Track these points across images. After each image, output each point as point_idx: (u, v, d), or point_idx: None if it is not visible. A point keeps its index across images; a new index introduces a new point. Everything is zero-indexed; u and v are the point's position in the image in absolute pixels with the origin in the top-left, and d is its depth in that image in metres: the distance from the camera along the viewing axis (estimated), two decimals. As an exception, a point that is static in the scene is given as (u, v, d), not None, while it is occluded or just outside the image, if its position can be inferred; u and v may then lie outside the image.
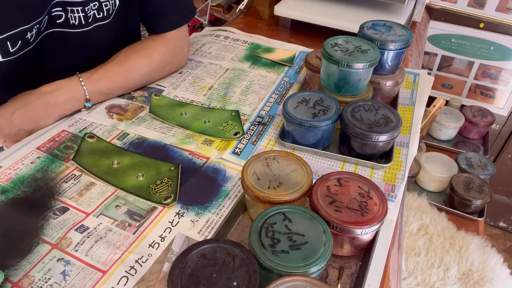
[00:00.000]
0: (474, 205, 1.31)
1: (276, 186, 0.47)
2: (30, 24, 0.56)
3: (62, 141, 0.61)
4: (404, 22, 0.95)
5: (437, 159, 1.44)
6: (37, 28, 0.58)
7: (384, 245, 0.48)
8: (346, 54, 0.61)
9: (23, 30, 0.56)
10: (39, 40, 0.61)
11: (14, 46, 0.57)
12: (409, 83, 0.78)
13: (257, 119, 0.68)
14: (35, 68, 0.63)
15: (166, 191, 0.53)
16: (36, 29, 0.58)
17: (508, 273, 1.17)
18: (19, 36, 0.56)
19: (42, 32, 0.60)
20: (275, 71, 0.82)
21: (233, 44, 0.91)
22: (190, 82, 0.77)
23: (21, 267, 0.44)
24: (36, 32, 0.58)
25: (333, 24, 0.94)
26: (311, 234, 0.41)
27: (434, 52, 1.52)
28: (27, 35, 0.57)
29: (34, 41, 0.59)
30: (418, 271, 1.13)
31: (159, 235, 0.48)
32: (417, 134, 0.65)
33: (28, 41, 0.58)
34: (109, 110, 0.68)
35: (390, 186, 0.56)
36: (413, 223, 1.24)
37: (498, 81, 1.49)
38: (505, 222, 1.78)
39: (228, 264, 0.38)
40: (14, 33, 0.55)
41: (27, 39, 0.58)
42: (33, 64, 0.62)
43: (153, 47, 0.73)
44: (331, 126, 0.59)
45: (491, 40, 1.41)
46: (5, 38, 0.55)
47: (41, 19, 0.58)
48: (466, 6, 1.40)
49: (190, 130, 0.65)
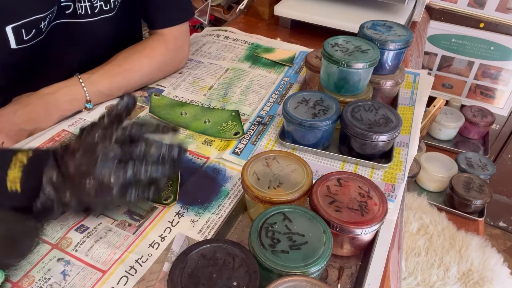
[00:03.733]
0: (474, 205, 1.31)
1: (276, 186, 0.47)
2: (44, 14, 0.57)
3: (62, 141, 0.61)
4: (404, 22, 0.95)
5: (437, 159, 1.44)
6: (49, 17, 0.59)
7: (384, 245, 0.48)
8: (346, 54, 0.61)
9: (38, 18, 0.57)
10: (48, 30, 0.62)
11: (28, 34, 0.57)
12: (409, 83, 0.78)
13: (257, 119, 0.68)
14: (43, 58, 0.64)
15: (166, 191, 0.53)
16: (48, 19, 0.59)
17: (508, 273, 1.17)
18: (34, 24, 0.57)
19: (52, 22, 0.61)
20: (275, 71, 0.81)
21: (233, 44, 0.91)
22: (190, 82, 0.77)
23: (21, 267, 0.44)
24: (48, 21, 0.60)
25: (333, 24, 0.94)
26: (311, 234, 0.41)
27: (434, 52, 1.52)
28: (41, 24, 0.58)
29: (45, 30, 0.61)
30: (418, 271, 1.13)
31: (159, 235, 0.48)
32: (417, 134, 0.65)
33: (41, 30, 0.59)
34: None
35: (390, 186, 0.56)
36: (413, 223, 1.24)
37: (498, 81, 1.49)
38: (505, 222, 1.78)
39: (228, 264, 0.38)
40: (29, 21, 0.56)
41: (41, 28, 0.59)
42: (42, 54, 0.63)
43: (153, 47, 0.73)
44: (331, 126, 0.59)
45: (491, 40, 1.41)
46: (20, 26, 0.56)
47: (54, 9, 0.59)
48: (466, 6, 1.40)
49: (190, 130, 0.65)
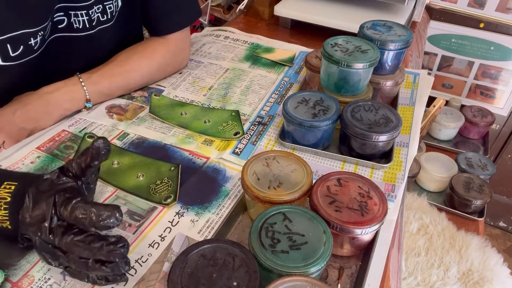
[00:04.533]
0: (474, 205, 1.31)
1: (276, 186, 0.47)
2: (33, 29, 0.56)
3: (62, 141, 0.61)
4: (404, 22, 0.95)
5: (437, 159, 1.44)
6: (41, 35, 0.57)
7: (384, 245, 0.48)
8: (346, 54, 0.61)
9: (25, 34, 0.55)
10: (44, 48, 0.60)
11: (15, 50, 0.56)
12: (409, 83, 0.78)
13: (257, 119, 0.68)
14: (40, 75, 0.63)
15: (166, 191, 0.53)
16: (40, 36, 0.57)
17: (508, 273, 1.17)
18: (21, 40, 0.55)
19: (46, 40, 0.60)
20: (275, 71, 0.81)
21: (233, 44, 0.91)
22: (190, 82, 0.77)
23: (20, 267, 0.44)
24: (40, 39, 0.58)
25: (333, 24, 0.94)
26: (311, 234, 0.41)
27: (434, 52, 1.52)
28: (31, 41, 0.56)
29: (38, 48, 0.59)
30: (418, 271, 1.13)
31: (159, 235, 0.48)
32: (417, 134, 0.65)
33: (32, 48, 0.57)
34: (109, 110, 0.68)
35: (390, 186, 0.56)
36: (413, 223, 1.24)
37: (498, 81, 1.49)
38: (505, 222, 1.78)
39: (228, 264, 0.38)
40: (15, 36, 0.55)
41: (31, 45, 0.57)
42: (38, 71, 0.62)
43: (154, 48, 0.73)
44: (331, 126, 0.59)
45: (491, 40, 1.41)
46: (5, 40, 0.54)
47: (45, 25, 0.57)
48: (466, 6, 1.40)
49: (190, 130, 0.65)
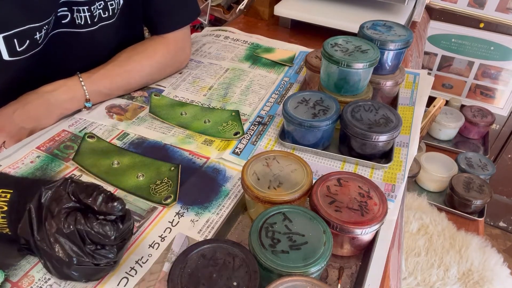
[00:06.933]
0: (474, 205, 1.31)
1: (276, 186, 0.47)
2: (39, 24, 0.56)
3: (62, 141, 0.61)
4: (404, 22, 0.95)
5: (437, 159, 1.44)
6: (46, 28, 0.58)
7: (384, 245, 0.48)
8: (346, 54, 0.61)
9: (31, 28, 0.56)
10: (46, 41, 0.61)
11: (21, 45, 0.56)
12: (409, 83, 0.78)
13: (257, 119, 0.68)
14: (43, 69, 0.63)
15: (166, 191, 0.53)
16: (45, 30, 0.58)
17: (508, 273, 1.17)
18: (27, 35, 0.56)
19: (49, 33, 0.61)
20: (275, 71, 0.81)
21: (233, 44, 0.91)
22: (190, 82, 0.77)
23: (20, 267, 0.44)
24: (44, 33, 0.58)
25: (333, 24, 0.94)
26: (311, 234, 0.41)
27: (434, 52, 1.52)
28: (36, 35, 0.57)
29: (42, 42, 0.59)
30: (418, 271, 1.13)
31: (159, 235, 0.48)
32: (417, 134, 0.65)
33: (36, 41, 0.58)
34: (109, 110, 0.68)
35: (390, 186, 0.56)
36: (413, 223, 1.24)
37: (498, 81, 1.49)
38: (505, 222, 1.78)
39: (228, 264, 0.38)
40: (22, 31, 0.55)
41: (36, 39, 0.57)
42: (41, 65, 0.62)
43: (154, 48, 0.73)
44: (331, 126, 0.59)
45: (491, 40, 1.41)
46: (12, 35, 0.54)
47: (50, 19, 0.58)
48: (466, 6, 1.40)
49: (190, 130, 0.65)
